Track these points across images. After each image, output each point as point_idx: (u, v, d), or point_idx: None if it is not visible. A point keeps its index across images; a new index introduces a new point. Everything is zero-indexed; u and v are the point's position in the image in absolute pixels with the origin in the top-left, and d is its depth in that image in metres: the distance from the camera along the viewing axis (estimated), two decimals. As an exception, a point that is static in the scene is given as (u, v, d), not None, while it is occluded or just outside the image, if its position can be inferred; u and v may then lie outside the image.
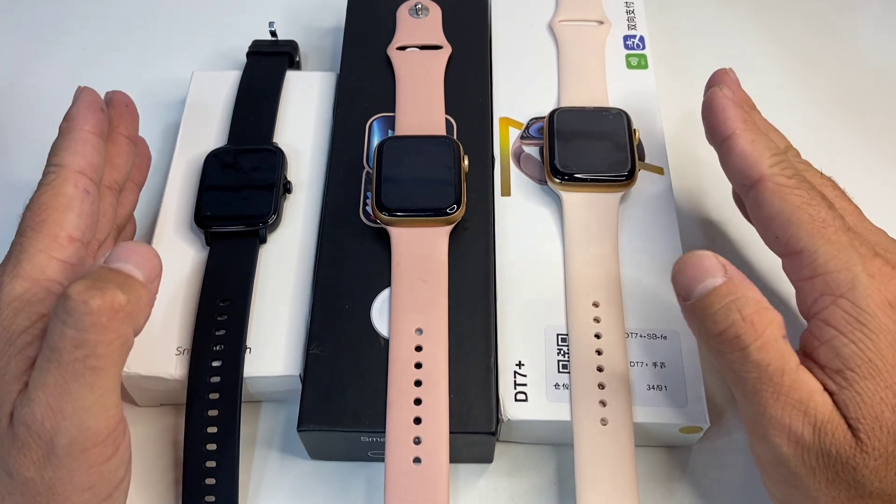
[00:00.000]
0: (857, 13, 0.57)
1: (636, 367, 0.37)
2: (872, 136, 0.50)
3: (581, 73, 0.46)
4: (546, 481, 0.38)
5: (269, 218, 0.40)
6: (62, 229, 0.31)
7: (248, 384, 0.37)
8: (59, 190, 0.32)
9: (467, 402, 0.35)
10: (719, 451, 0.39)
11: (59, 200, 0.32)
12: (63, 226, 0.31)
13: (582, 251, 0.39)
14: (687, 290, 0.30)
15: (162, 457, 0.38)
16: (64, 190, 0.32)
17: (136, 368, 0.37)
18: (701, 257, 0.30)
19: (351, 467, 0.38)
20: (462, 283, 0.38)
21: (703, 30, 0.56)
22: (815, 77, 0.53)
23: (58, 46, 0.55)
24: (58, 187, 0.32)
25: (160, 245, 0.41)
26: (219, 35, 0.55)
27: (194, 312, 0.38)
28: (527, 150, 0.44)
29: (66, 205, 0.32)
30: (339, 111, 0.44)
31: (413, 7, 0.47)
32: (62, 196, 0.32)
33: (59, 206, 0.32)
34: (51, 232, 0.31)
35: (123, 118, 0.38)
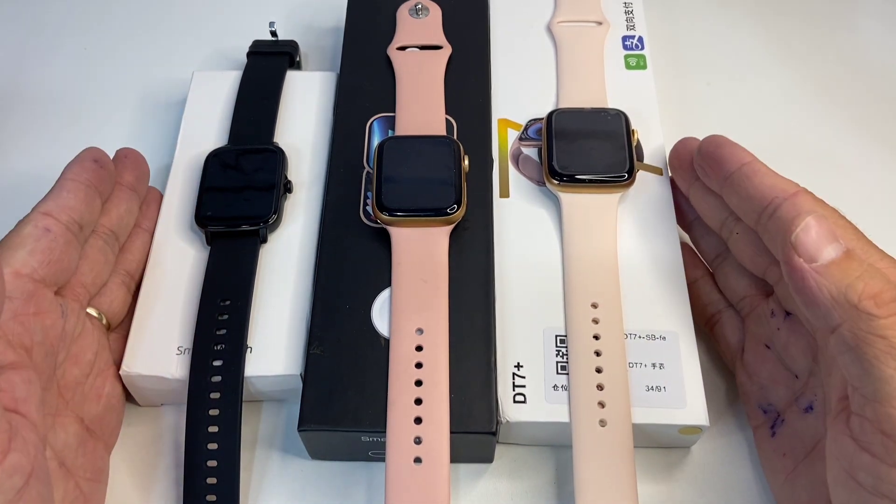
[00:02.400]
0: (857, 13, 0.57)
1: (635, 368, 0.37)
2: (872, 135, 0.50)
3: (580, 73, 0.46)
4: (546, 482, 0.38)
5: (269, 218, 0.40)
6: (7, 265, 0.32)
7: (248, 384, 0.38)
8: (18, 230, 0.33)
9: (468, 402, 0.35)
10: (719, 452, 0.39)
11: (11, 239, 0.33)
12: (9, 262, 0.32)
13: (580, 252, 0.39)
14: (816, 250, 0.30)
15: (163, 456, 0.38)
16: (21, 230, 0.33)
17: (136, 368, 0.37)
18: (823, 218, 0.30)
19: (351, 467, 0.38)
20: (462, 283, 0.38)
21: (702, 30, 0.56)
22: (815, 77, 0.53)
23: (58, 46, 0.55)
24: (18, 227, 0.33)
25: (161, 245, 0.41)
26: (219, 35, 0.55)
27: (195, 312, 0.38)
28: (525, 151, 0.44)
29: (19, 242, 0.33)
30: (339, 111, 0.44)
31: (413, 7, 0.47)
32: (17, 235, 0.33)
33: (11, 245, 0.32)
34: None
35: (126, 168, 0.40)
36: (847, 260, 0.29)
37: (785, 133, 0.50)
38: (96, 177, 0.36)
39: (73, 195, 0.35)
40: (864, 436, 0.28)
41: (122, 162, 0.40)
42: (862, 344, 0.28)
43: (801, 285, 0.30)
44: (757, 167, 0.35)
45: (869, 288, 0.28)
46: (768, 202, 0.33)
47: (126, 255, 0.39)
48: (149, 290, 0.39)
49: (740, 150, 0.36)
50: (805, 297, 0.30)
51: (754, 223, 0.34)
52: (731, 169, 0.35)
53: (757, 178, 0.34)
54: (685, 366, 0.37)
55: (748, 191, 0.34)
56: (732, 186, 0.35)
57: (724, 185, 0.36)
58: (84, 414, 0.35)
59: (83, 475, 0.34)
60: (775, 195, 0.33)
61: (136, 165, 0.41)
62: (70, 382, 0.34)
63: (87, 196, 0.35)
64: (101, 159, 0.37)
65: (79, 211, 0.35)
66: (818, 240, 0.30)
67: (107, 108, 0.51)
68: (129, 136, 0.50)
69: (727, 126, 0.50)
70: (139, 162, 0.41)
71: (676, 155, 0.40)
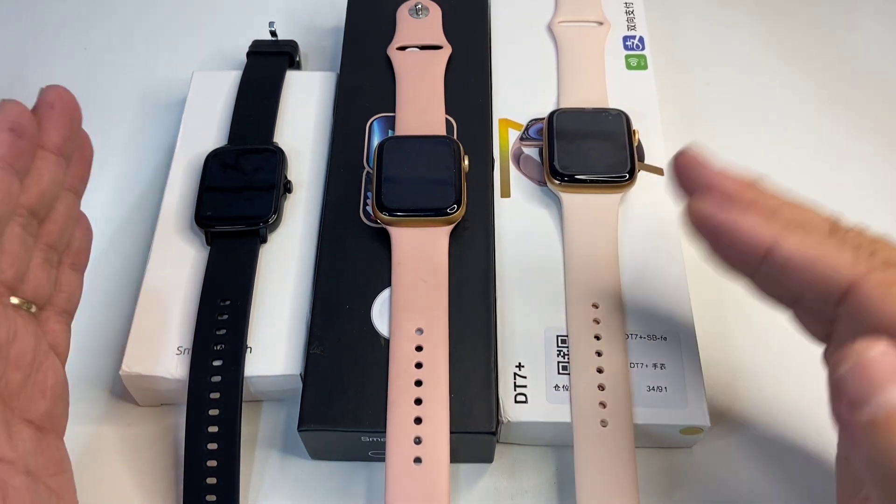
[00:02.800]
0: (857, 13, 0.57)
1: (636, 368, 0.37)
2: (872, 135, 0.50)
3: (580, 74, 0.46)
4: (546, 482, 0.38)
5: (269, 218, 0.40)
6: None
7: (248, 384, 0.37)
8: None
9: (467, 402, 0.35)
10: (720, 452, 0.39)
11: None
12: None
13: (582, 252, 0.39)
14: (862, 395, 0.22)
15: (162, 456, 0.38)
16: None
17: (136, 368, 0.37)
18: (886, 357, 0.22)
19: (351, 467, 0.38)
20: (462, 282, 0.38)
21: (702, 30, 0.56)
22: (815, 77, 0.53)
23: (58, 46, 0.55)
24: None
25: (161, 245, 0.41)
26: (219, 35, 0.55)
27: (195, 312, 0.38)
28: (526, 151, 0.44)
29: None
30: (339, 111, 0.44)
31: (413, 7, 0.47)
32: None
33: None
34: None
35: (52, 124, 0.31)
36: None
37: (785, 133, 0.50)
38: (13, 152, 0.29)
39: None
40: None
41: (46, 114, 0.31)
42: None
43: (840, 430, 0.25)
44: (786, 252, 0.27)
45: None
46: (823, 300, 0.27)
47: (47, 226, 0.32)
48: (149, 290, 0.39)
49: (748, 233, 0.28)
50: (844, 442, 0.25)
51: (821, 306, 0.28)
52: (754, 264, 0.28)
53: (794, 271, 0.27)
54: (686, 366, 0.37)
55: (789, 289, 0.28)
56: (767, 283, 0.29)
57: (755, 278, 0.29)
58: (32, 415, 0.30)
59: (47, 473, 0.30)
60: (828, 293, 0.27)
61: (65, 119, 0.32)
62: (14, 389, 0.30)
63: (3, 181, 0.28)
64: (18, 126, 0.29)
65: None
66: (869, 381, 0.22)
67: (107, 108, 0.51)
68: (128, 136, 0.49)
69: (727, 126, 0.50)
70: (68, 111, 0.32)
71: None
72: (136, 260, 0.43)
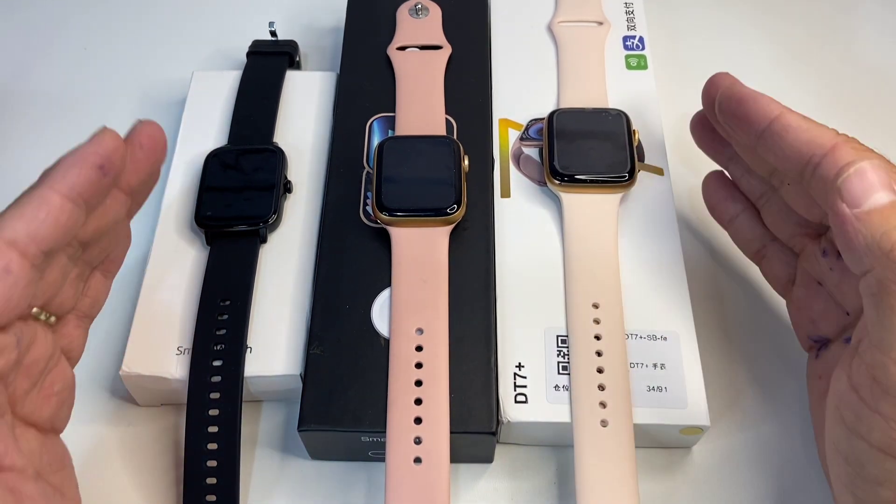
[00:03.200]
0: (857, 13, 0.57)
1: (636, 368, 0.37)
2: (872, 135, 0.50)
3: (580, 74, 0.46)
4: (546, 482, 0.38)
5: (269, 218, 0.40)
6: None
7: (248, 384, 0.37)
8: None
9: (468, 402, 0.35)
10: (720, 452, 0.39)
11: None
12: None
13: (582, 252, 0.39)
14: (860, 196, 0.29)
15: (163, 456, 0.38)
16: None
17: (136, 368, 0.37)
18: (876, 168, 0.29)
19: (351, 467, 0.38)
20: (462, 283, 0.38)
21: (702, 30, 0.56)
22: (815, 77, 0.53)
23: (58, 46, 0.55)
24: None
25: (161, 245, 0.41)
26: (219, 35, 0.55)
27: (195, 312, 0.38)
28: (526, 151, 0.44)
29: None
30: (339, 111, 0.44)
31: (413, 7, 0.47)
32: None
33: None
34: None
35: (135, 166, 0.30)
36: (892, 208, 0.28)
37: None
38: (91, 191, 0.28)
39: (51, 220, 0.27)
40: (857, 377, 0.29)
41: (133, 154, 0.30)
42: (883, 291, 0.28)
43: (840, 230, 0.30)
44: (787, 121, 0.33)
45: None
46: (806, 161, 0.32)
47: (92, 249, 0.32)
48: (149, 290, 0.39)
49: (764, 103, 0.34)
50: (843, 242, 0.30)
51: (798, 181, 0.33)
52: (760, 128, 0.34)
53: (790, 135, 0.33)
54: (686, 366, 0.37)
55: (784, 151, 0.33)
56: (766, 147, 0.34)
57: (756, 146, 0.34)
58: (36, 419, 0.30)
59: (50, 471, 0.30)
60: (812, 152, 0.32)
61: (149, 162, 0.31)
62: (20, 396, 0.29)
63: (71, 218, 0.28)
64: (108, 164, 0.28)
65: (53, 240, 0.27)
66: (865, 186, 0.29)
67: (106, 107, 0.51)
68: (128, 136, 0.49)
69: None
70: (155, 154, 0.31)
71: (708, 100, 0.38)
72: (136, 260, 0.43)
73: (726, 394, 0.40)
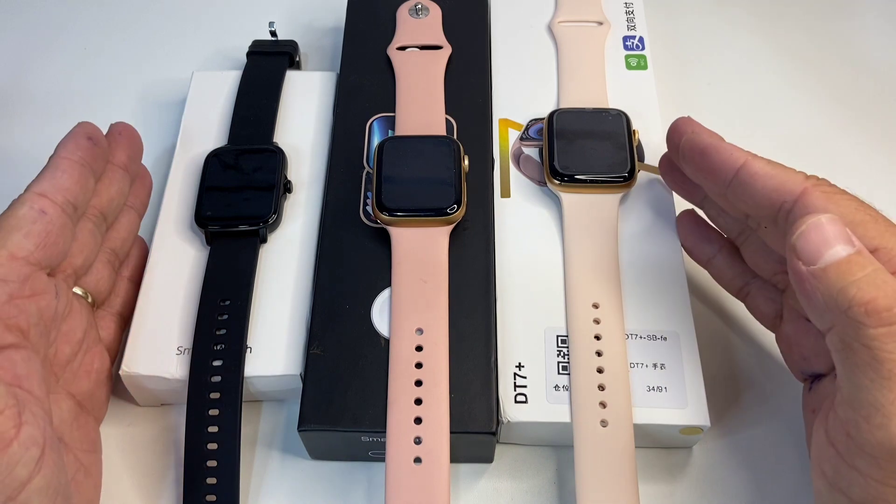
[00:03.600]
0: (857, 13, 0.57)
1: (636, 368, 0.37)
2: (872, 135, 0.50)
3: (580, 74, 0.46)
4: (546, 482, 0.38)
5: (269, 218, 0.40)
6: (2, 248, 0.31)
7: (248, 384, 0.37)
8: (13, 211, 0.32)
9: (468, 402, 0.35)
10: (720, 452, 0.39)
11: (7, 221, 0.32)
12: (4, 244, 0.31)
13: (582, 252, 0.39)
14: (814, 253, 0.28)
15: (163, 456, 0.38)
16: (17, 211, 0.32)
17: (136, 368, 0.37)
18: (831, 221, 0.29)
19: (351, 467, 0.38)
20: (462, 282, 0.38)
21: (702, 30, 0.56)
22: (815, 77, 0.53)
23: (58, 46, 0.55)
24: (13, 208, 0.33)
25: (161, 245, 0.41)
26: (219, 35, 0.55)
27: (195, 312, 0.38)
28: (526, 151, 0.44)
29: (14, 225, 0.32)
30: (339, 111, 0.44)
31: (413, 7, 0.47)
32: (12, 217, 0.32)
33: (6, 227, 0.32)
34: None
35: (119, 147, 0.39)
36: (848, 263, 0.28)
37: (785, 133, 0.50)
38: (90, 155, 0.35)
39: (67, 175, 0.34)
40: (833, 432, 0.29)
41: (115, 139, 0.39)
42: (847, 349, 0.28)
43: (799, 288, 0.29)
44: (753, 169, 0.33)
45: (862, 294, 0.27)
46: (777, 208, 0.32)
47: (112, 233, 0.39)
48: (149, 289, 0.39)
49: (727, 153, 0.34)
50: (802, 300, 0.29)
51: (773, 226, 0.33)
52: (727, 178, 0.34)
53: (758, 182, 0.32)
54: (686, 366, 0.37)
55: (753, 199, 0.33)
56: (735, 196, 0.34)
57: (726, 195, 0.34)
58: (75, 390, 0.35)
59: (80, 447, 0.34)
60: (783, 199, 0.32)
61: (131, 143, 0.40)
62: (62, 360, 0.35)
63: (82, 176, 0.34)
64: (95, 136, 0.36)
65: (74, 192, 0.34)
66: (819, 242, 0.28)
67: (107, 107, 0.51)
68: (128, 136, 0.49)
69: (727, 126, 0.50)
70: (133, 139, 0.40)
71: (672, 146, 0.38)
72: (136, 260, 0.43)
73: (726, 394, 0.40)
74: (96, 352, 0.37)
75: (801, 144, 0.50)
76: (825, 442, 0.29)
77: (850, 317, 0.27)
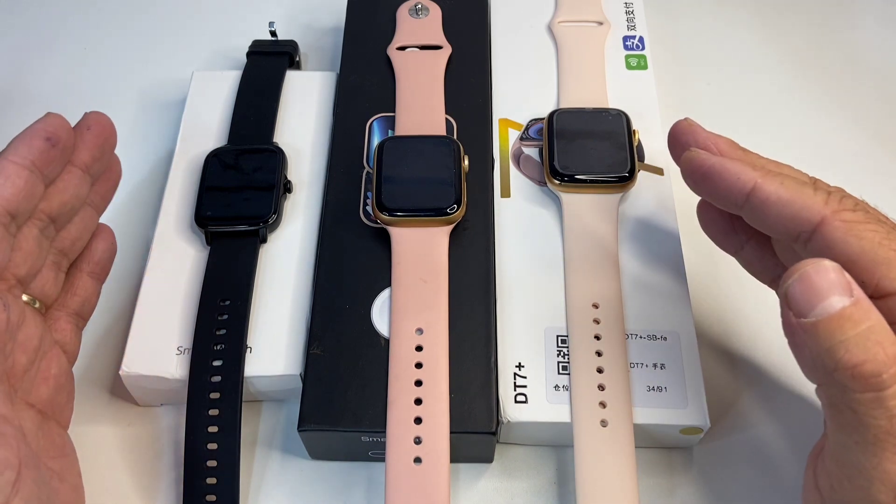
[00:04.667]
0: (858, 13, 0.57)
1: (636, 368, 0.37)
2: (873, 134, 0.50)
3: (580, 73, 0.46)
4: (546, 482, 0.38)
5: (269, 218, 0.40)
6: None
7: (248, 384, 0.38)
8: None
9: (468, 402, 0.35)
10: (720, 452, 0.39)
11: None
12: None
13: (582, 252, 0.39)
14: (805, 305, 0.26)
15: (163, 456, 0.38)
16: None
17: (136, 368, 0.37)
18: (825, 269, 0.26)
19: (351, 467, 0.38)
20: (462, 282, 0.38)
21: (702, 30, 0.56)
22: (815, 77, 0.53)
23: (58, 46, 0.55)
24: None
25: (161, 245, 0.41)
26: (219, 35, 0.55)
27: (195, 312, 0.38)
28: (526, 151, 0.44)
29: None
30: (339, 111, 0.44)
31: (413, 7, 0.47)
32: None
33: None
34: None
35: (84, 145, 0.35)
36: (839, 319, 0.25)
37: (785, 132, 0.50)
38: (43, 159, 0.32)
39: (9, 183, 0.31)
40: (821, 480, 0.29)
41: (82, 135, 0.35)
42: (833, 409, 0.27)
43: (789, 340, 0.27)
44: (765, 194, 0.30)
45: (849, 357, 0.25)
46: (795, 237, 0.30)
47: (62, 233, 0.35)
48: (149, 290, 0.39)
49: (734, 176, 0.31)
50: (794, 352, 0.28)
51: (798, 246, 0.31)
52: (738, 202, 0.31)
53: (772, 210, 0.30)
54: (686, 366, 0.37)
55: (769, 226, 0.31)
56: (751, 217, 0.31)
57: (741, 213, 0.32)
58: (34, 399, 0.33)
59: (49, 454, 0.33)
60: (801, 230, 0.29)
61: (98, 141, 0.35)
62: (19, 371, 0.32)
63: (28, 183, 0.31)
64: (55, 136, 0.32)
65: (14, 202, 0.31)
66: (811, 292, 0.26)
67: (106, 107, 0.50)
68: (128, 136, 0.49)
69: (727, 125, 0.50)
70: (103, 134, 0.36)
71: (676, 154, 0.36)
72: (136, 260, 0.43)
73: (726, 394, 0.40)
74: (53, 356, 0.34)
75: (801, 144, 0.50)
76: (813, 486, 0.29)
77: (835, 380, 0.26)
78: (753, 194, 0.30)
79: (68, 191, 0.34)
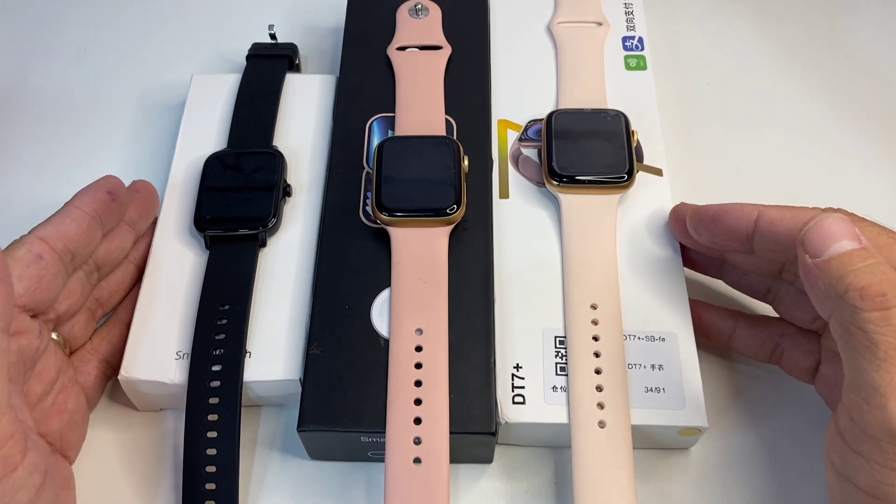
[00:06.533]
0: (857, 13, 0.57)
1: (634, 369, 0.37)
2: (872, 135, 0.50)
3: (580, 74, 0.46)
4: (545, 482, 0.38)
5: (268, 221, 0.40)
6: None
7: (248, 388, 0.38)
8: (11, 251, 0.33)
9: (467, 402, 0.35)
10: (718, 453, 0.39)
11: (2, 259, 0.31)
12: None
13: (580, 253, 0.39)
14: (819, 246, 0.30)
15: (162, 462, 0.38)
16: (14, 252, 0.33)
17: (135, 373, 0.37)
18: (838, 218, 0.30)
19: (351, 467, 0.38)
20: (462, 282, 0.38)
21: (702, 30, 0.56)
22: (815, 77, 0.53)
23: (58, 47, 0.55)
24: (12, 248, 0.33)
25: (160, 249, 0.41)
26: (218, 38, 0.55)
27: (194, 317, 0.38)
28: (525, 152, 0.44)
29: (10, 265, 0.32)
30: (339, 111, 0.44)
31: (413, 7, 0.48)
32: (9, 257, 0.33)
33: None
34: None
35: (133, 203, 0.39)
36: (850, 255, 0.29)
37: (785, 133, 0.50)
38: (105, 210, 0.36)
39: (75, 225, 0.35)
40: (841, 420, 0.29)
41: (132, 196, 0.39)
42: (846, 333, 0.29)
43: (805, 280, 0.30)
44: (770, 217, 0.34)
45: (858, 280, 0.28)
46: None
47: (103, 283, 0.39)
48: (148, 294, 0.39)
49: (738, 211, 0.35)
50: (809, 291, 0.31)
51: None
52: (747, 232, 0.35)
53: (778, 226, 0.33)
54: (684, 367, 0.37)
55: (780, 244, 0.33)
56: (762, 247, 0.35)
57: (753, 248, 0.35)
58: (46, 430, 0.34)
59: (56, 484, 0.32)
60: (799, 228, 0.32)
61: (146, 203, 0.40)
62: (32, 399, 0.33)
63: (90, 228, 0.35)
64: (115, 191, 0.37)
65: (76, 242, 0.35)
66: (825, 236, 0.30)
67: (106, 110, 0.51)
68: (127, 139, 0.50)
69: (727, 126, 0.50)
70: (150, 200, 0.41)
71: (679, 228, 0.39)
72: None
73: (724, 394, 0.40)
74: (71, 392, 0.36)
75: (801, 144, 0.50)
76: (834, 431, 0.30)
77: (846, 301, 0.28)
78: (760, 220, 0.34)
79: (115, 240, 0.38)
